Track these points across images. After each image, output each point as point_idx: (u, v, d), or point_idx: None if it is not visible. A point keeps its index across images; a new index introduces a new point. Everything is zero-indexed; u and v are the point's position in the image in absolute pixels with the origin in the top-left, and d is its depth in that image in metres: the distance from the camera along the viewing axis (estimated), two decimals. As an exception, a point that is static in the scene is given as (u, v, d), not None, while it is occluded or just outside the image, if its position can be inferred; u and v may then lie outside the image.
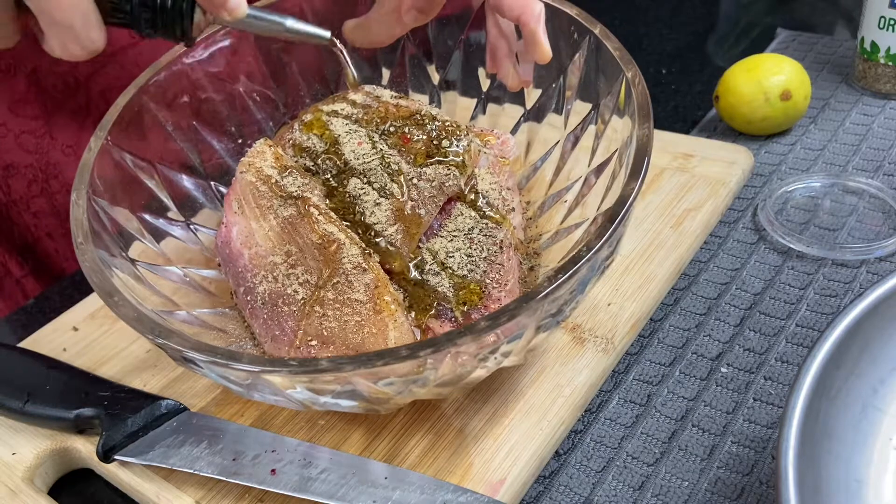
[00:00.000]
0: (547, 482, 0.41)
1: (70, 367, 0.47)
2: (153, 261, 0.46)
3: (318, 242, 0.41)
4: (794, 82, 0.62)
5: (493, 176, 0.47)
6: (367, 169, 0.44)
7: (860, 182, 0.58)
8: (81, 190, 0.43)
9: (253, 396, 0.37)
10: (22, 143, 0.64)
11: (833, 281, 0.50)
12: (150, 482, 0.41)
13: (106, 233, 0.42)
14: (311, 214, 0.42)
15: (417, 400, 0.44)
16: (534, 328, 0.35)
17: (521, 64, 0.51)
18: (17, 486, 0.42)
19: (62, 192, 0.67)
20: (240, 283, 0.45)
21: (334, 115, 0.47)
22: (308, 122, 0.47)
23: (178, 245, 0.49)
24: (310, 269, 0.42)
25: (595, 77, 0.46)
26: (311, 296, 0.41)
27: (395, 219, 0.42)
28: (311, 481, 0.38)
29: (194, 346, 0.35)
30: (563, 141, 0.50)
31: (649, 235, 0.52)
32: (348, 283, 0.40)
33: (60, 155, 0.65)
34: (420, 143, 0.45)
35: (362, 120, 0.46)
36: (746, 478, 0.40)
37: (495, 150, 0.48)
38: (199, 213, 0.51)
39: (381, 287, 0.40)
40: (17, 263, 0.68)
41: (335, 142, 0.45)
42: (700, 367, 0.46)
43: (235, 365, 0.33)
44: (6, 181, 0.64)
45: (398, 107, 0.47)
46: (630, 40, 0.86)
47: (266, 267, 0.43)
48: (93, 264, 0.39)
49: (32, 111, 0.63)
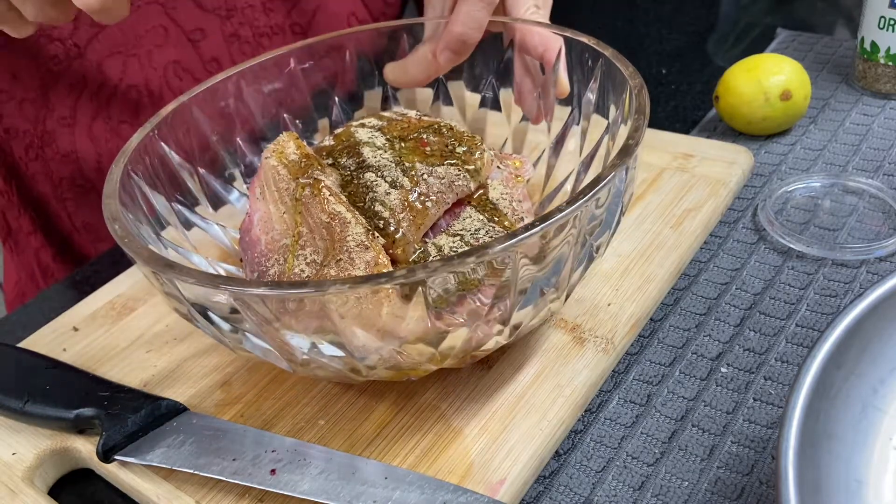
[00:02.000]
0: (547, 482, 0.41)
1: (70, 367, 0.47)
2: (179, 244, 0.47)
3: (326, 221, 0.42)
4: (794, 82, 0.62)
5: (504, 187, 0.47)
6: (381, 165, 0.45)
7: (860, 182, 0.58)
8: (121, 161, 0.44)
9: (252, 344, 0.38)
10: (23, 110, 0.68)
11: (833, 281, 0.50)
12: (150, 482, 0.41)
13: (137, 203, 0.44)
14: (322, 194, 0.43)
15: (417, 400, 0.44)
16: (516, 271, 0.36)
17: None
18: (17, 486, 0.42)
19: (55, 160, 0.71)
20: (255, 269, 0.46)
21: (361, 126, 0.50)
22: (338, 133, 0.51)
23: (203, 238, 0.50)
24: (317, 250, 0.43)
25: (606, 99, 0.48)
26: (316, 274, 0.42)
27: (402, 208, 0.43)
28: (310, 481, 0.38)
29: (186, 272, 0.35)
30: (577, 168, 0.51)
31: (649, 235, 0.52)
32: (350, 260, 0.40)
33: (56, 125, 0.69)
34: (435, 145, 0.46)
35: (385, 129, 0.49)
36: (746, 478, 0.40)
37: (510, 168, 0.49)
38: (220, 210, 0.53)
39: (380, 265, 0.40)
40: (29, 219, 0.73)
41: (357, 144, 0.48)
42: (700, 367, 0.46)
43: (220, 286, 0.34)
44: (8, 143, 0.69)
45: (421, 120, 0.50)
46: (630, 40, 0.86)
47: (279, 251, 0.44)
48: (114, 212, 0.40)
49: (32, 81, 0.67)
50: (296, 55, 0.56)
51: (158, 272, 0.36)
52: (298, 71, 0.56)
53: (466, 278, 0.36)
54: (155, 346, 0.50)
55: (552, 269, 0.37)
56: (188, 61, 0.71)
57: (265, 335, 0.37)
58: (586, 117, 0.50)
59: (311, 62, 0.57)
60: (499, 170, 0.48)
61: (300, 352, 0.37)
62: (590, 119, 0.49)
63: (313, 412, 0.44)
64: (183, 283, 0.36)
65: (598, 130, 0.48)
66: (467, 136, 0.48)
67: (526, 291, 0.37)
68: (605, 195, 0.37)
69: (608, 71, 0.46)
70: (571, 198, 0.35)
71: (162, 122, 0.48)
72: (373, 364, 0.38)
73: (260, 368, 0.47)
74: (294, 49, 0.55)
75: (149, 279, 0.39)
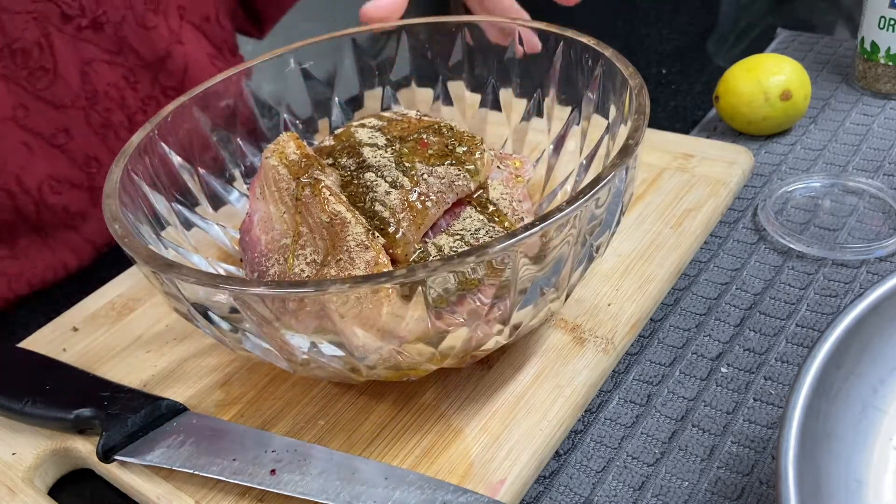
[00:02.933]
0: (547, 482, 0.41)
1: (70, 367, 0.47)
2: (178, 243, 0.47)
3: (326, 221, 0.42)
4: (794, 82, 0.62)
5: (504, 187, 0.47)
6: (381, 165, 0.45)
7: (860, 182, 0.58)
8: (121, 161, 0.44)
9: (252, 344, 0.38)
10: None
11: (833, 281, 0.50)
12: (150, 482, 0.41)
13: (137, 203, 0.44)
14: (322, 194, 0.43)
15: (417, 400, 0.44)
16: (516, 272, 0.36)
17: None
18: (16, 486, 0.42)
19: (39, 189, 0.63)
20: (255, 269, 0.46)
21: (361, 126, 0.50)
22: (338, 133, 0.50)
23: (203, 238, 0.50)
24: (317, 250, 0.43)
25: (606, 99, 0.47)
26: (316, 274, 0.42)
27: (402, 207, 0.43)
28: (310, 481, 0.38)
29: (186, 272, 0.35)
30: (577, 168, 0.51)
31: (649, 236, 0.52)
32: (350, 260, 0.41)
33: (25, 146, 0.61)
34: (435, 145, 0.46)
35: (385, 129, 0.49)
36: (746, 478, 0.40)
37: (510, 168, 0.49)
38: (220, 210, 0.53)
39: (380, 265, 0.40)
40: None
41: (357, 144, 0.48)
42: (700, 367, 0.46)
43: (220, 284, 0.34)
44: None
45: (420, 120, 0.50)
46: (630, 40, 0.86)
47: (279, 251, 0.45)
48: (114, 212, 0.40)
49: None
50: (296, 55, 0.56)
51: (158, 272, 0.36)
52: (298, 71, 0.56)
53: (466, 278, 0.36)
54: (155, 346, 0.50)
55: (552, 269, 0.37)
56: (62, 170, 0.62)
57: (265, 335, 0.37)
58: (586, 117, 0.50)
59: (311, 62, 0.57)
60: (499, 170, 0.48)
61: (300, 352, 0.37)
62: (590, 119, 0.49)
63: (313, 412, 0.44)
64: (183, 283, 0.36)
65: (598, 130, 0.48)
66: (467, 136, 0.48)
67: (526, 291, 0.37)
68: (605, 195, 0.37)
69: (608, 71, 0.46)
70: (571, 198, 0.35)
71: (162, 122, 0.48)
72: (373, 364, 0.38)
73: (260, 368, 0.47)
74: (294, 49, 0.55)
75: (149, 279, 0.39)
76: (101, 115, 0.63)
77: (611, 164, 0.37)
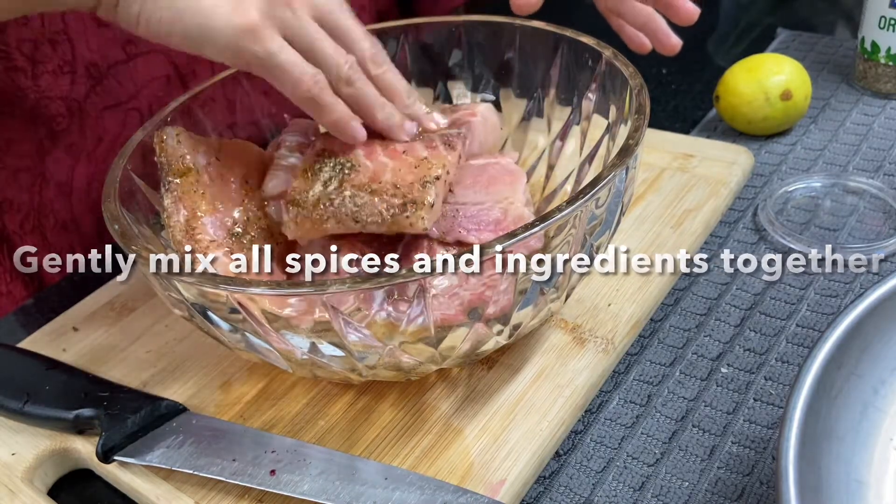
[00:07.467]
0: (547, 482, 0.41)
1: (70, 367, 0.47)
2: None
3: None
4: (794, 82, 0.62)
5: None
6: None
7: (860, 182, 0.58)
8: (121, 161, 0.44)
9: (251, 344, 0.38)
10: (18, 181, 0.62)
11: (833, 281, 0.50)
12: (150, 483, 0.41)
13: (137, 203, 0.44)
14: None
15: (417, 400, 0.44)
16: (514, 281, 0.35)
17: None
18: (16, 486, 0.42)
19: (54, 230, 0.65)
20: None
21: None
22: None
23: None
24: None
25: (606, 99, 0.47)
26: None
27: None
28: (310, 482, 0.38)
29: (186, 272, 0.35)
30: (577, 169, 0.51)
31: (650, 236, 0.52)
32: None
33: (54, 194, 0.64)
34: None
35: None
36: (747, 478, 0.40)
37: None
38: None
39: None
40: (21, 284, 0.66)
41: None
42: (700, 368, 0.46)
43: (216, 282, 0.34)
44: (1, 217, 0.63)
45: None
46: (630, 40, 0.86)
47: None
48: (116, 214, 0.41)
49: (28, 147, 0.61)
50: None
51: (158, 272, 0.36)
52: None
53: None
54: (155, 346, 0.50)
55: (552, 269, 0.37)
56: None
57: (265, 335, 0.37)
58: (586, 117, 0.49)
59: None
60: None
61: (300, 352, 0.37)
62: (590, 119, 0.49)
63: (313, 412, 0.44)
64: (183, 283, 0.36)
65: (598, 130, 0.48)
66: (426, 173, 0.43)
67: (526, 291, 0.37)
68: (605, 195, 0.37)
69: (608, 71, 0.46)
70: (571, 198, 0.35)
71: (162, 122, 0.48)
72: (373, 364, 0.38)
73: (260, 368, 0.47)
74: None
75: (149, 279, 0.39)
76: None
77: (611, 165, 0.37)
